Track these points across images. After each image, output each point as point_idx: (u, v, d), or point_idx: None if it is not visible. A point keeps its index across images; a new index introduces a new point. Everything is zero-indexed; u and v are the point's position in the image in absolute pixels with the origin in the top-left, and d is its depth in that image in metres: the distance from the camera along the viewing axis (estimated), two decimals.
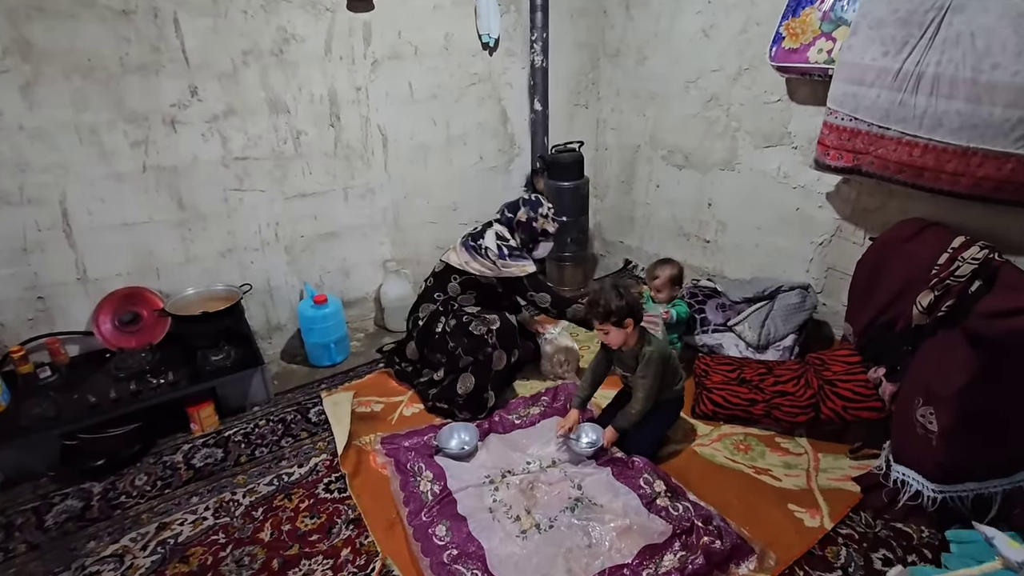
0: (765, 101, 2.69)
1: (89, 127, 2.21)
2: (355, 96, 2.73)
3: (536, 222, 2.45)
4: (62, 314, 2.36)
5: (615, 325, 1.90)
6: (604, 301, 1.89)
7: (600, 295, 1.91)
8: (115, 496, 1.97)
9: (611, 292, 1.90)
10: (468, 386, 2.26)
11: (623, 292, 1.90)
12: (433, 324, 2.40)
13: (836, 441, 2.08)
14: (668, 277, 2.46)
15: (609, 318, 1.89)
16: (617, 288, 1.92)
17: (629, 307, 1.89)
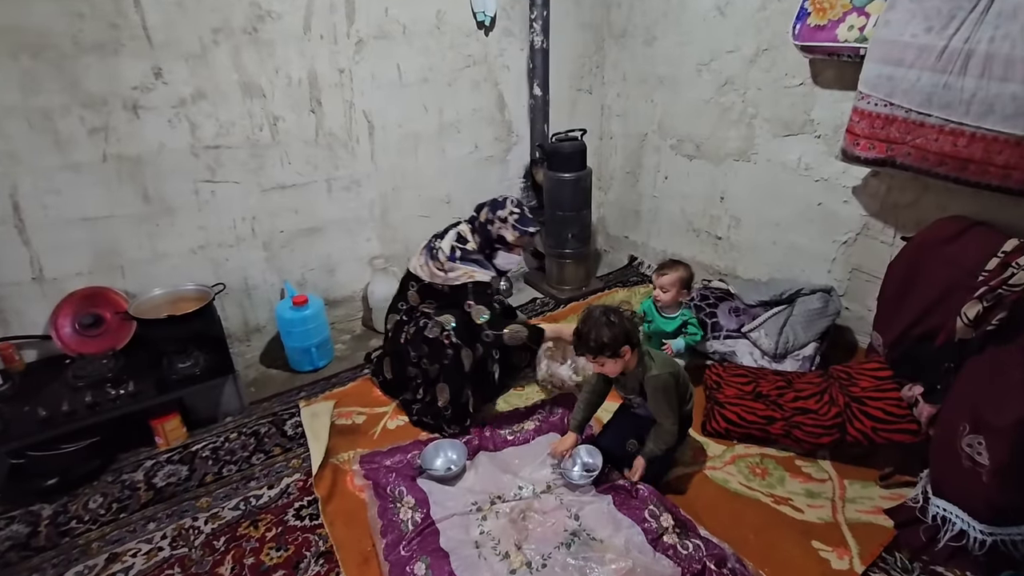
0: (786, 85, 2.45)
1: (41, 112, 2.01)
2: (338, 79, 2.51)
3: (492, 225, 2.10)
4: (17, 316, 2.17)
5: (610, 357, 1.68)
6: (595, 335, 1.64)
7: (588, 327, 1.66)
8: (65, 521, 1.79)
9: (600, 322, 1.65)
10: (446, 397, 2.06)
11: (613, 320, 1.65)
12: (398, 336, 2.19)
13: (863, 465, 1.87)
14: (677, 278, 2.23)
15: (602, 352, 1.66)
16: (607, 315, 1.66)
17: (624, 334, 1.65)
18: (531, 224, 2.09)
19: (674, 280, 2.23)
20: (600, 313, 1.68)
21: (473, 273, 2.06)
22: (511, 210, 2.08)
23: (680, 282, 2.24)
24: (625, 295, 3.11)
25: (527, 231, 2.08)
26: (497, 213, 2.09)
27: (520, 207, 2.11)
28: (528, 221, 2.09)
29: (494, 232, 2.09)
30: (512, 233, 2.08)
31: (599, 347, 1.65)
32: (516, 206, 2.10)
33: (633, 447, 1.83)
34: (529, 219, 2.09)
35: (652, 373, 1.70)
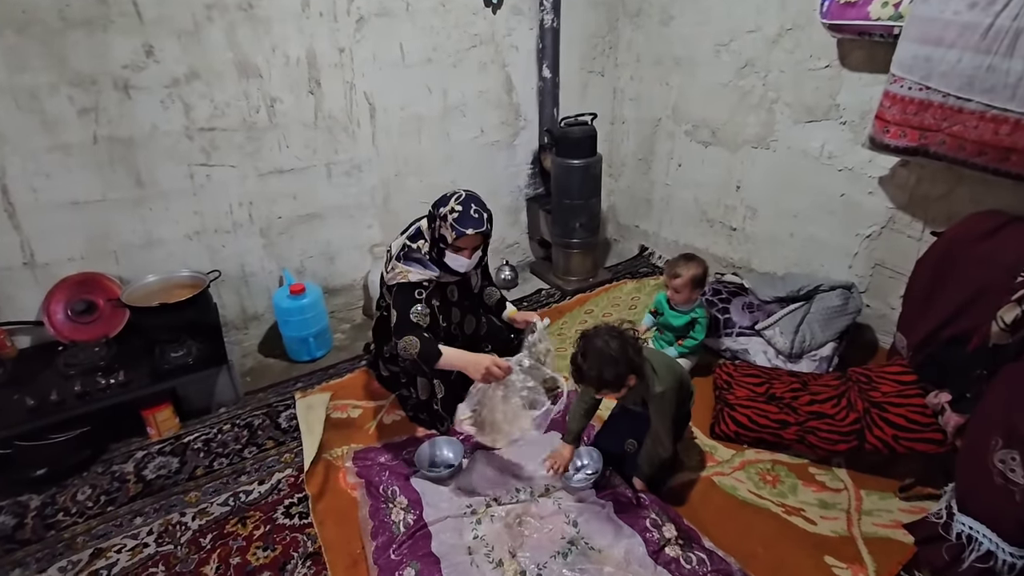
0: (810, 67, 2.30)
1: (28, 91, 1.93)
2: (338, 59, 2.41)
3: (434, 221, 1.87)
4: (9, 302, 2.13)
5: (614, 390, 1.56)
6: (595, 373, 1.48)
7: (589, 363, 1.49)
8: (52, 513, 1.75)
9: (603, 357, 1.48)
10: (428, 392, 1.96)
11: (616, 356, 1.48)
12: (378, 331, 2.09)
13: (881, 474, 1.76)
14: (690, 277, 2.12)
15: (603, 388, 1.54)
16: (608, 347, 1.48)
17: (628, 367, 1.50)
18: (471, 224, 1.79)
19: (686, 281, 2.12)
20: (601, 344, 1.49)
21: (407, 273, 1.85)
22: (452, 207, 1.81)
23: (693, 281, 2.13)
24: (634, 287, 3.00)
25: (463, 232, 1.79)
26: (439, 209, 1.84)
27: (465, 204, 1.82)
28: (468, 221, 1.80)
29: (436, 230, 1.86)
30: (450, 233, 1.81)
31: (601, 384, 1.52)
32: (461, 202, 1.82)
33: (632, 447, 1.74)
34: (471, 219, 1.80)
35: (657, 390, 1.55)
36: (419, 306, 1.85)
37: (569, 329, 2.65)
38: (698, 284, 2.14)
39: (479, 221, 1.83)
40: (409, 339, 1.77)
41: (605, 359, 1.49)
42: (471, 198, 1.86)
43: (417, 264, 1.88)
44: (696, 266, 2.14)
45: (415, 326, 1.82)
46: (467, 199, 1.84)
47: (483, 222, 1.85)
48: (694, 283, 2.13)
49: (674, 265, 2.16)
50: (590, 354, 1.50)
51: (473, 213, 1.82)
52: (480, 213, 1.84)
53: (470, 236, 1.82)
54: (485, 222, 1.85)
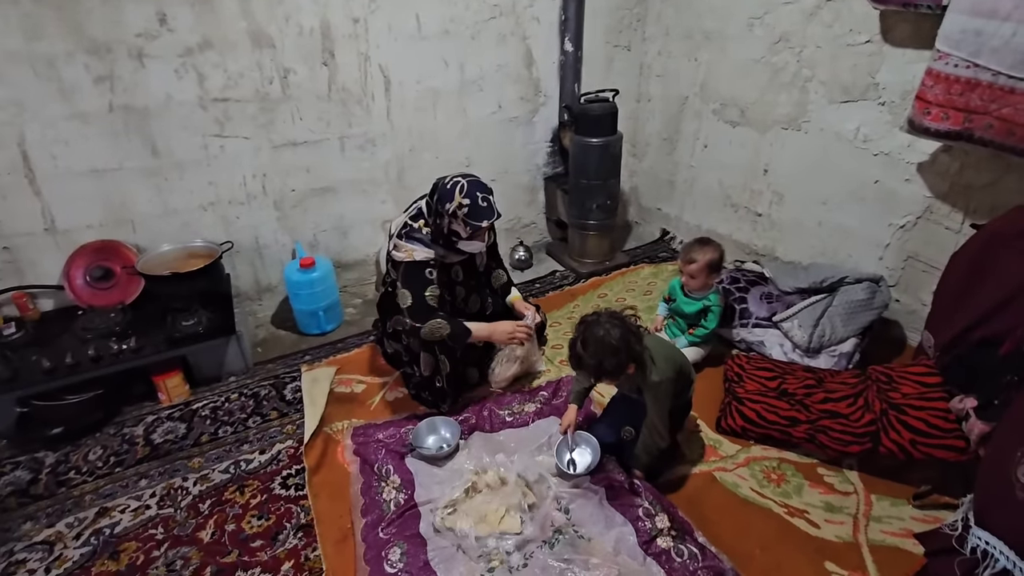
0: (849, 43, 2.14)
1: (45, 59, 1.96)
2: (352, 30, 2.36)
3: (441, 219, 1.80)
4: (31, 266, 2.20)
5: (613, 378, 1.52)
6: (595, 362, 1.45)
7: (588, 351, 1.45)
8: (65, 471, 1.82)
9: (603, 346, 1.43)
10: (430, 368, 1.94)
11: (616, 344, 1.44)
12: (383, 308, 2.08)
13: (896, 480, 1.67)
14: (706, 262, 2.03)
15: (602, 377, 1.51)
16: (609, 334, 1.44)
17: (628, 356, 1.46)
18: (484, 216, 1.75)
19: (702, 266, 2.04)
20: (602, 333, 1.44)
21: (413, 252, 1.82)
22: (459, 202, 1.73)
23: (708, 266, 2.05)
24: (651, 271, 2.91)
25: (479, 226, 1.75)
26: (445, 206, 1.76)
27: (471, 194, 1.74)
28: (480, 212, 1.74)
29: (444, 227, 1.80)
30: (464, 229, 1.78)
31: (600, 373, 1.49)
32: (466, 194, 1.74)
33: (629, 435, 1.69)
34: (482, 209, 1.75)
35: (653, 379, 1.52)
36: (432, 287, 1.84)
37: (580, 313, 2.58)
38: (714, 269, 2.06)
39: (490, 210, 1.80)
40: (436, 322, 1.80)
41: (606, 348, 1.44)
42: (474, 186, 1.79)
43: (419, 243, 1.85)
44: (712, 250, 2.05)
45: (433, 309, 1.82)
46: (470, 188, 1.77)
47: (493, 209, 1.80)
48: (710, 268, 2.05)
49: (689, 250, 2.08)
50: (590, 342, 1.46)
51: (482, 202, 1.77)
52: (487, 199, 1.79)
53: (484, 229, 1.81)
54: (494, 208, 1.81)
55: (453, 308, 2.01)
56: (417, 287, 1.81)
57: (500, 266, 2.22)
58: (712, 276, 2.08)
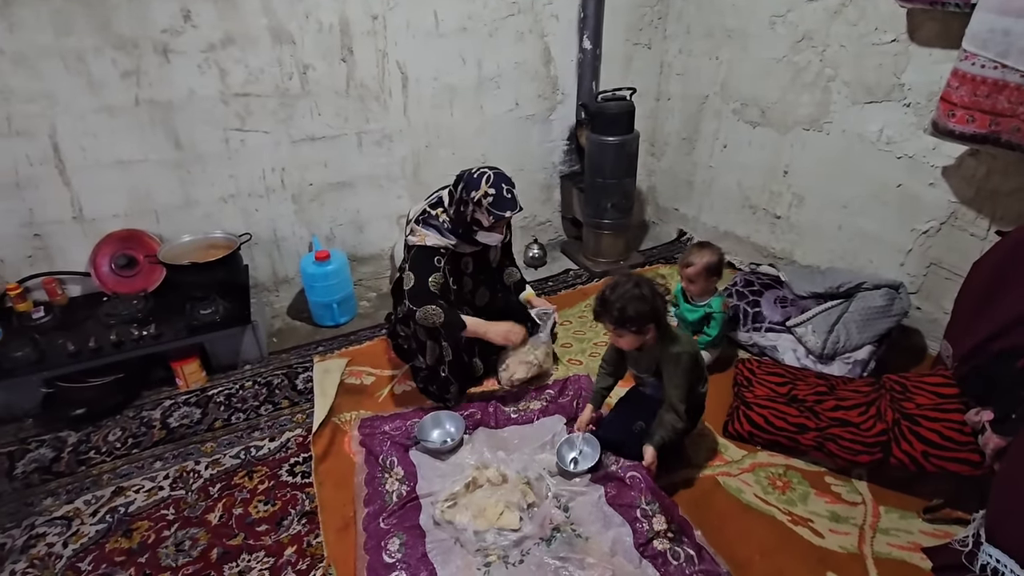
0: (874, 42, 2.08)
1: (75, 53, 2.03)
2: (371, 26, 2.39)
3: (465, 207, 1.83)
4: (61, 253, 2.29)
5: (632, 332, 1.53)
6: (620, 305, 1.49)
7: (615, 296, 1.51)
8: (85, 450, 1.90)
9: (630, 294, 1.49)
10: (435, 356, 1.96)
11: (644, 293, 1.50)
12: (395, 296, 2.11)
13: (907, 492, 1.63)
14: (703, 266, 2.00)
15: (624, 325, 1.51)
16: (638, 287, 1.51)
17: (652, 312, 1.50)
18: (508, 207, 1.80)
19: (699, 270, 2.02)
20: (632, 284, 1.52)
21: (426, 237, 1.88)
22: (485, 191, 1.78)
23: (707, 270, 2.02)
24: (667, 271, 2.88)
25: (502, 216, 1.80)
26: (471, 194, 1.80)
27: (497, 185, 1.79)
28: (505, 203, 1.79)
29: (468, 214, 1.83)
30: (487, 218, 1.81)
31: (622, 320, 1.51)
32: (492, 184, 1.79)
33: (640, 428, 1.69)
34: (507, 200, 1.80)
35: (673, 350, 1.56)
36: (437, 274, 1.87)
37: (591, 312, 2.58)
38: (713, 273, 2.03)
39: (514, 201, 1.83)
40: (431, 308, 1.82)
41: (633, 296, 1.49)
42: (500, 178, 1.83)
43: (434, 230, 1.89)
44: (710, 253, 2.02)
45: (433, 295, 1.85)
46: (496, 179, 1.82)
47: (516, 201, 1.84)
48: (708, 272, 2.02)
49: (686, 254, 2.06)
50: (619, 289, 1.52)
51: (506, 194, 1.81)
52: (511, 192, 1.83)
53: (507, 219, 1.84)
54: (518, 200, 1.85)
55: (460, 298, 2.03)
56: (422, 272, 1.85)
57: (513, 264, 2.23)
58: (712, 280, 2.05)
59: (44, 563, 1.52)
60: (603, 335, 2.35)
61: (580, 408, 1.96)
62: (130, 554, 1.54)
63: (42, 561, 1.53)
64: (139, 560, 1.52)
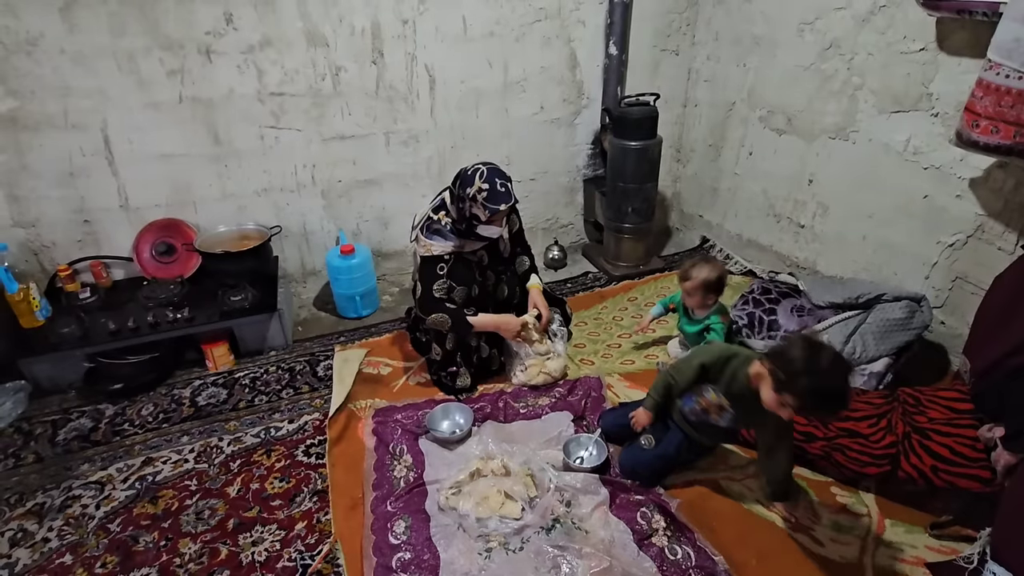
0: (903, 51, 2.05)
1: (127, 53, 2.18)
2: (401, 30, 2.48)
3: (463, 203, 1.89)
4: (107, 239, 2.45)
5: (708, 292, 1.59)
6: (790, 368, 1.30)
7: (791, 353, 1.31)
8: (121, 422, 2.03)
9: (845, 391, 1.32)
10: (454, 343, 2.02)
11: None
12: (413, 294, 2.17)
13: (915, 507, 1.60)
14: (701, 282, 1.99)
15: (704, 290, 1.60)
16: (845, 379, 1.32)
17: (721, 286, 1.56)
18: (502, 200, 1.84)
19: (697, 285, 2.01)
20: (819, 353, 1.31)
21: (431, 247, 1.95)
22: (479, 187, 1.84)
23: (704, 286, 2.00)
24: None
25: (497, 209, 1.83)
26: (466, 191, 1.86)
27: (491, 180, 1.84)
28: (498, 197, 1.84)
29: (466, 210, 1.90)
30: (483, 212, 1.86)
31: (805, 405, 1.32)
32: (485, 179, 1.84)
33: (648, 443, 1.70)
34: (500, 194, 1.84)
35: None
36: (440, 281, 1.96)
37: (608, 315, 2.61)
38: (711, 290, 2.01)
39: (507, 195, 1.88)
40: (438, 316, 1.93)
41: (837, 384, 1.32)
42: (493, 173, 1.89)
43: (438, 236, 1.96)
44: (710, 270, 2.00)
45: (439, 301, 1.95)
46: (490, 175, 1.87)
47: (511, 195, 1.88)
48: (705, 288, 2.00)
49: (687, 266, 2.05)
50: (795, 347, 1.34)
51: (500, 187, 1.86)
52: (505, 185, 1.88)
53: (502, 211, 1.87)
54: (511, 193, 1.89)
55: (484, 294, 2.10)
56: (427, 281, 1.96)
57: (526, 252, 2.27)
58: (709, 297, 2.03)
59: (78, 522, 1.64)
60: (616, 337, 2.37)
61: (588, 408, 2.00)
62: (155, 519, 1.64)
63: (76, 520, 1.65)
64: (162, 525, 1.62)
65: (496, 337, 2.15)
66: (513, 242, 2.20)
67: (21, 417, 2.05)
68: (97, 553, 1.55)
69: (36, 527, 1.64)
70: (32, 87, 2.12)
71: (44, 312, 2.21)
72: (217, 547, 1.56)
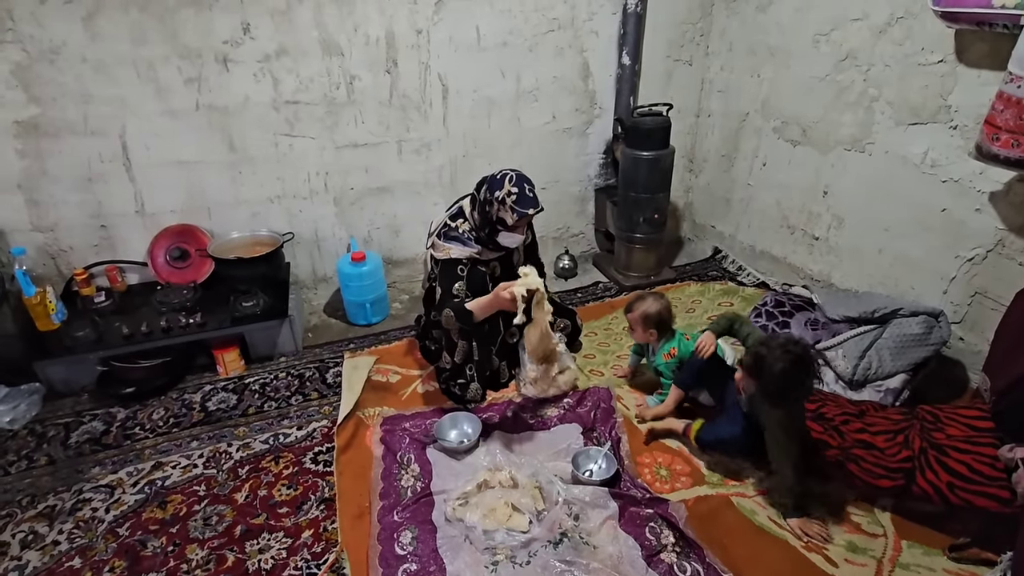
0: (921, 62, 2.03)
1: (146, 61, 2.22)
2: (415, 40, 2.50)
3: (490, 207, 1.90)
4: (123, 244, 2.48)
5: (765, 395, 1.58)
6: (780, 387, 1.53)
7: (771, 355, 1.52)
8: (132, 426, 2.04)
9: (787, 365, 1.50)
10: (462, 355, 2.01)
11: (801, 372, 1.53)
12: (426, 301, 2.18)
13: (933, 527, 1.56)
14: (639, 315, 1.96)
15: (768, 393, 1.56)
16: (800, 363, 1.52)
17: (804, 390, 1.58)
18: (530, 205, 1.86)
19: (636, 318, 1.98)
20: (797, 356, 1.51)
21: (449, 250, 1.96)
22: (508, 190, 1.85)
23: (643, 320, 1.96)
24: (697, 290, 2.85)
25: (525, 213, 1.85)
26: (495, 194, 1.88)
27: (519, 184, 1.86)
28: (527, 201, 1.86)
29: (493, 214, 1.90)
30: (511, 216, 1.87)
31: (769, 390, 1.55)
32: (515, 184, 1.86)
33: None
34: (529, 199, 1.86)
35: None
36: (460, 283, 1.95)
37: (618, 325, 2.59)
38: (651, 325, 1.96)
39: (535, 200, 1.90)
40: (448, 312, 1.91)
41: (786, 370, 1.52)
42: (521, 178, 1.90)
43: (456, 242, 1.95)
44: (652, 304, 1.96)
45: (454, 297, 1.94)
46: (519, 180, 1.89)
47: (538, 200, 1.91)
48: (645, 322, 1.96)
49: (632, 299, 2.02)
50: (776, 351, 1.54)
51: (529, 192, 1.88)
52: (533, 191, 1.90)
53: (531, 215, 1.89)
54: (539, 200, 1.91)
55: None
56: (447, 283, 1.95)
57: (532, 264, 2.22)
58: (650, 332, 1.99)
59: (88, 525, 1.65)
60: (626, 347, 2.35)
61: (597, 419, 1.99)
62: (163, 524, 1.65)
63: (86, 523, 1.66)
64: (170, 530, 1.63)
65: (506, 349, 2.14)
66: (526, 255, 2.19)
67: (35, 419, 2.08)
68: (105, 557, 1.56)
69: (47, 529, 1.65)
70: (54, 94, 2.16)
71: (60, 315, 2.24)
72: (224, 554, 1.56)
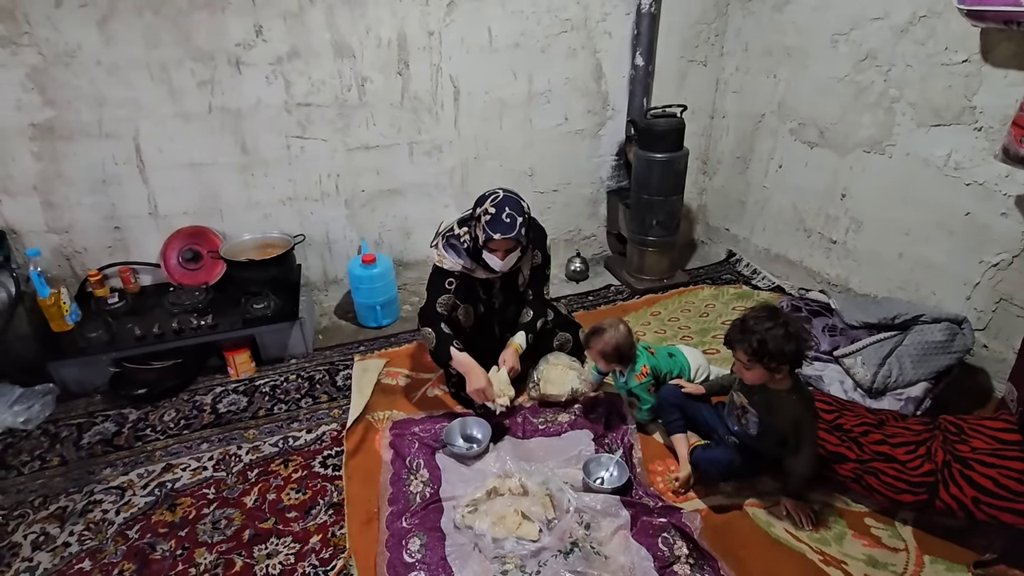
0: (944, 62, 1.98)
1: (159, 64, 2.23)
2: (427, 42, 2.49)
3: (475, 221, 1.84)
4: (136, 245, 2.50)
5: (765, 368, 1.49)
6: (761, 337, 1.46)
7: (758, 324, 1.47)
8: (143, 427, 2.05)
9: (779, 328, 1.45)
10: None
11: (791, 332, 1.46)
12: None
13: (957, 542, 1.51)
14: (598, 353, 1.91)
15: (761, 359, 1.47)
16: (786, 326, 1.46)
17: (795, 355, 1.48)
18: (500, 229, 1.75)
19: (594, 354, 1.93)
20: (780, 321, 1.47)
21: (443, 260, 1.93)
22: (487, 208, 1.79)
23: (601, 355, 1.90)
24: (711, 293, 2.81)
25: (492, 236, 1.76)
26: (475, 211, 1.83)
27: (500, 207, 1.78)
28: (498, 225, 1.76)
29: (473, 228, 1.85)
30: (482, 234, 1.79)
31: (760, 352, 1.46)
32: (495, 205, 1.78)
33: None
34: (502, 223, 1.76)
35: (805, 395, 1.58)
36: (446, 296, 1.95)
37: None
38: (611, 359, 1.90)
39: (509, 227, 1.78)
40: (428, 331, 1.91)
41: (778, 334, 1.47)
42: (507, 201, 1.81)
43: (453, 251, 1.94)
44: (610, 335, 1.88)
45: (439, 316, 1.93)
46: (502, 202, 1.81)
47: (514, 227, 1.78)
48: (604, 357, 1.90)
49: (589, 333, 1.95)
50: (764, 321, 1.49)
51: (505, 218, 1.78)
52: (513, 218, 1.78)
53: (499, 240, 1.79)
54: (518, 228, 1.78)
55: (491, 313, 2.08)
56: (433, 292, 1.95)
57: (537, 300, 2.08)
58: (612, 364, 1.93)
59: (98, 527, 1.66)
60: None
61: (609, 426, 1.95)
62: (172, 527, 1.65)
63: (96, 525, 1.66)
64: (179, 533, 1.63)
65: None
66: (531, 279, 2.07)
67: (48, 419, 2.09)
68: (115, 560, 1.56)
69: (58, 531, 1.66)
70: (69, 97, 2.18)
71: (74, 316, 2.26)
72: (232, 558, 1.55)
